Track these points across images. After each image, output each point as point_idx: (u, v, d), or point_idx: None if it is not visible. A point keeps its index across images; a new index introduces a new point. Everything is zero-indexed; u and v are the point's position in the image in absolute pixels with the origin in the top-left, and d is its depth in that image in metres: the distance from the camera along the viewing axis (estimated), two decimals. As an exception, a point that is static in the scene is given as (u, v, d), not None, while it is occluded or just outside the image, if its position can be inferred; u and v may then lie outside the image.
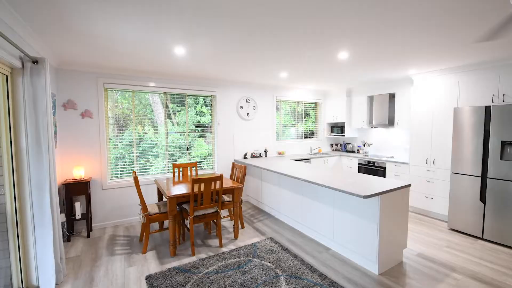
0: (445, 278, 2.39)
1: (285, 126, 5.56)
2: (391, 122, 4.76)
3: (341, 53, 2.90)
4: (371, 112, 5.21)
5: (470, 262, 2.66)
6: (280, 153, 5.24)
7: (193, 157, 4.44)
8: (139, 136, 3.95)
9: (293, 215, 3.56)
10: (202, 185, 2.84)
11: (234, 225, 3.19)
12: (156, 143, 4.08)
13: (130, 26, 2.09)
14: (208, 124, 4.57)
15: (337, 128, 5.79)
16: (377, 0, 1.68)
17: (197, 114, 4.47)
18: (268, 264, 2.61)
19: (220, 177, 2.88)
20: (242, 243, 3.08)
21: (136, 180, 2.85)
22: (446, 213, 3.66)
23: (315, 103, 5.97)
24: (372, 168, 4.75)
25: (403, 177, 4.25)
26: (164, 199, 3.73)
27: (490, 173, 3.08)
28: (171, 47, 2.62)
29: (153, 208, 2.99)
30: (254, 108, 4.96)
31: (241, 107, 4.81)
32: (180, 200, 2.85)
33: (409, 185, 2.64)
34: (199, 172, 4.44)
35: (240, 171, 3.66)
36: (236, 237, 3.20)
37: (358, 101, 5.34)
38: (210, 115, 4.57)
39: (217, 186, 3.06)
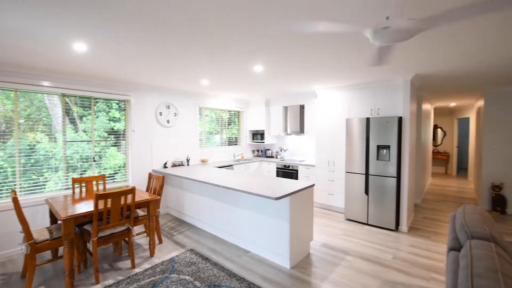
0: (341, 262, 2.84)
1: (210, 133, 5.56)
2: (302, 130, 5.40)
3: (256, 67, 3.13)
4: (286, 121, 5.77)
5: (360, 245, 3.25)
6: (203, 161, 5.18)
7: (105, 169, 3.89)
8: (30, 145, 3.20)
9: (215, 223, 3.57)
10: (110, 201, 2.52)
11: (150, 241, 2.95)
12: (53, 154, 3.39)
13: (10, 13, 1.70)
14: (123, 131, 4.12)
15: (258, 135, 6.16)
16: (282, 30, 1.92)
17: (110, 120, 3.97)
18: (187, 277, 2.52)
19: (132, 190, 2.63)
20: (159, 260, 2.87)
21: (15, 201, 2.30)
22: (343, 206, 4.38)
23: (238, 111, 6.20)
24: (288, 171, 5.25)
25: (311, 178, 4.85)
26: (59, 221, 3.12)
27: (370, 171, 3.87)
28: (69, 42, 2.26)
29: (41, 234, 2.46)
30: (175, 114, 4.77)
31: (161, 113, 4.54)
32: (81, 220, 2.45)
33: (313, 185, 3.05)
34: (111, 186, 3.92)
35: (157, 182, 3.43)
36: (152, 254, 2.96)
37: (276, 110, 5.84)
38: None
39: (129, 200, 2.78)
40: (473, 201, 5.35)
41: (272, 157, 6.17)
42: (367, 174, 3.91)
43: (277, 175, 5.47)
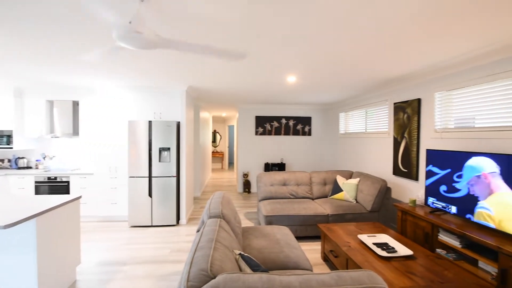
0: (116, 275, 2.63)
1: None
2: (76, 132, 4.45)
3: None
4: (53, 119, 4.49)
5: (140, 250, 3.21)
6: None
7: None
8: None
9: None
10: None
11: None
12: None
13: None
14: None
15: (2, 138, 4.27)
16: None
17: None
18: None
19: None
20: None
21: None
22: (127, 213, 4.16)
23: (-47, 100, 3.91)
24: (55, 185, 4.10)
25: (89, 188, 4.14)
26: None
27: (153, 173, 3.98)
28: None
29: None
30: None
31: None
32: None
33: (79, 197, 2.58)
34: None
35: None
36: None
37: (35, 104, 4.35)
38: None
39: None
40: (235, 187, 7.22)
41: (29, 167, 4.53)
42: (150, 176, 3.97)
43: (37, 192, 4.09)
